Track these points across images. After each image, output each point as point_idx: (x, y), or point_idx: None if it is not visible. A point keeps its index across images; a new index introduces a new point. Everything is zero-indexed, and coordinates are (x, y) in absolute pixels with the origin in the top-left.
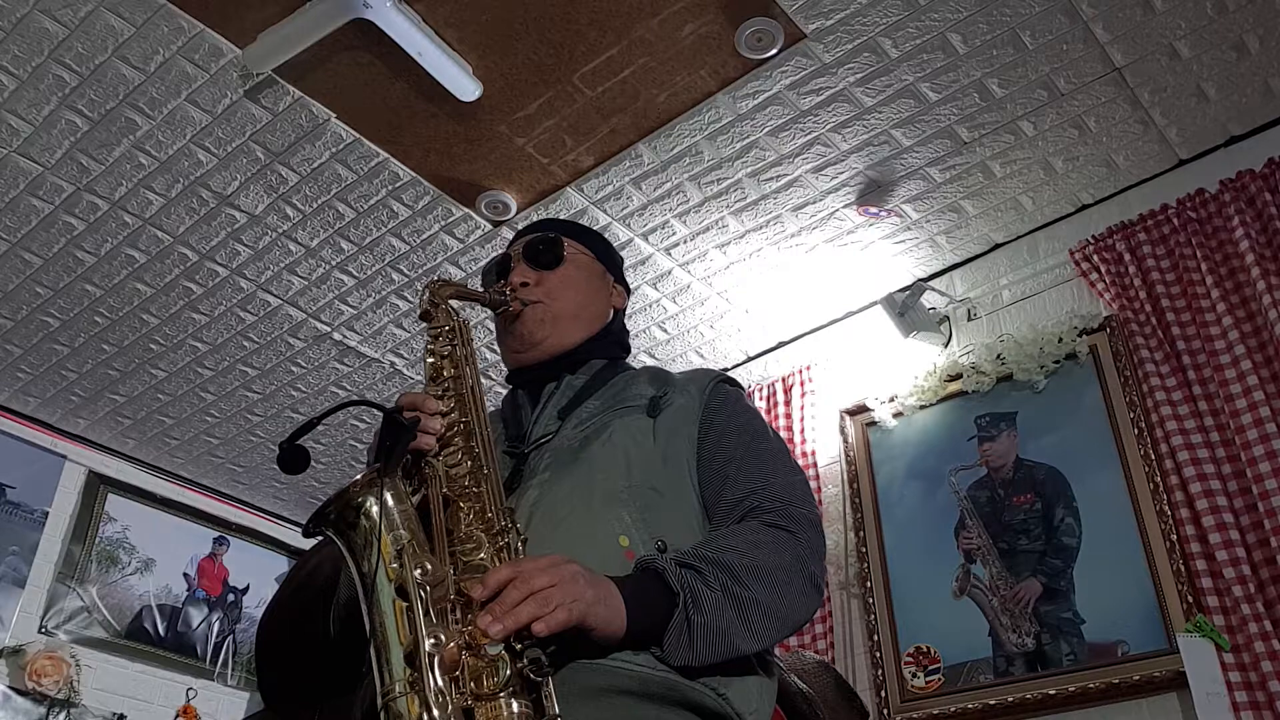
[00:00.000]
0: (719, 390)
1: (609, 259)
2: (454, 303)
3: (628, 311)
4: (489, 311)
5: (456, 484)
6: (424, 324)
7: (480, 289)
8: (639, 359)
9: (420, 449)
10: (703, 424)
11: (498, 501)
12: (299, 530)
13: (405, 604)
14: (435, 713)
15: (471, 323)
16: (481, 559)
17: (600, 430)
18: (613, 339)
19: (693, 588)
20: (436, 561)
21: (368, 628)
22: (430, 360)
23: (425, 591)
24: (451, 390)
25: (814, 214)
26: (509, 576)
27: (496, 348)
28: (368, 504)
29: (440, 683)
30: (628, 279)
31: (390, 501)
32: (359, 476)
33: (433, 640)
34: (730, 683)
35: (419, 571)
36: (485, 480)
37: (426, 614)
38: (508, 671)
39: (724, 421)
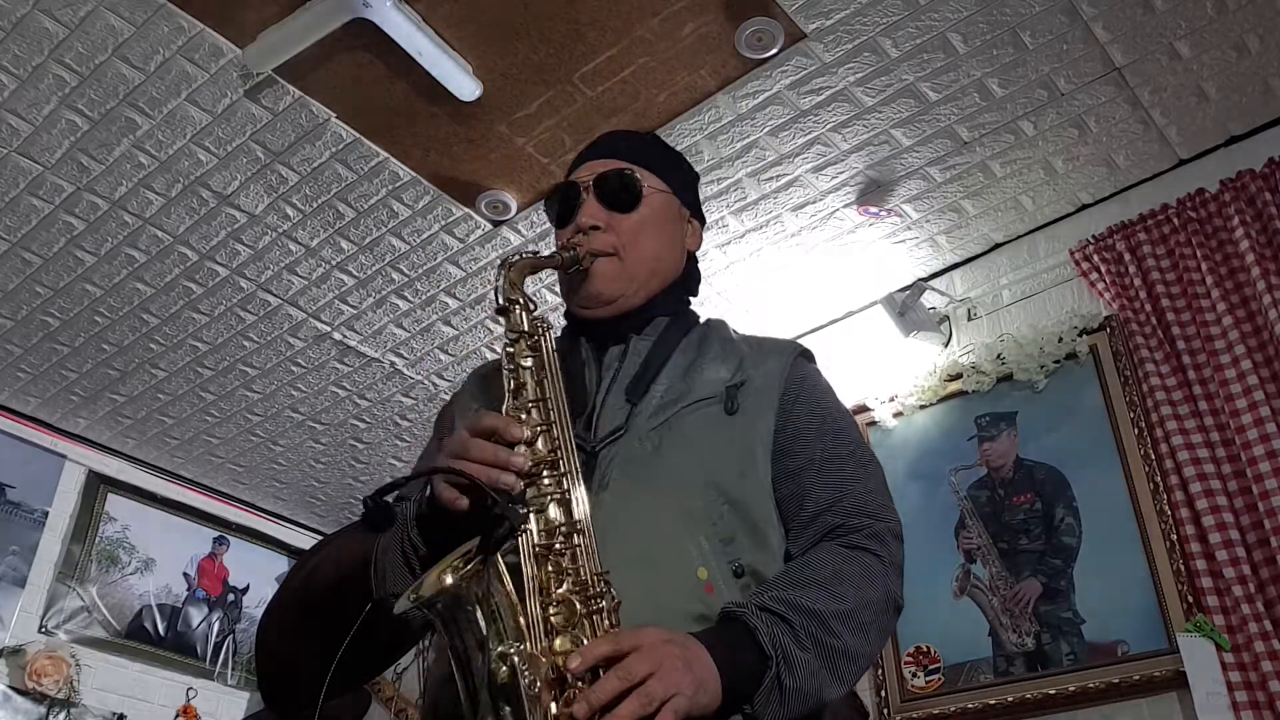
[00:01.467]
0: (798, 369)
1: (687, 190)
2: (531, 279)
3: None
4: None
5: (546, 535)
6: (500, 319)
7: (545, 254)
8: None
9: (505, 489)
10: (780, 412)
11: (593, 562)
12: (299, 530)
13: (510, 709)
14: None
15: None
16: (575, 632)
17: (674, 429)
18: (683, 289)
19: (785, 649)
20: (538, 652)
21: None
22: (509, 368)
23: (534, 702)
24: (538, 415)
25: (814, 214)
26: (608, 653)
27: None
28: (471, 596)
29: None
30: None
31: (493, 594)
32: (465, 568)
33: None
34: None
35: (527, 679)
36: (579, 534)
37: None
38: None
39: (803, 412)
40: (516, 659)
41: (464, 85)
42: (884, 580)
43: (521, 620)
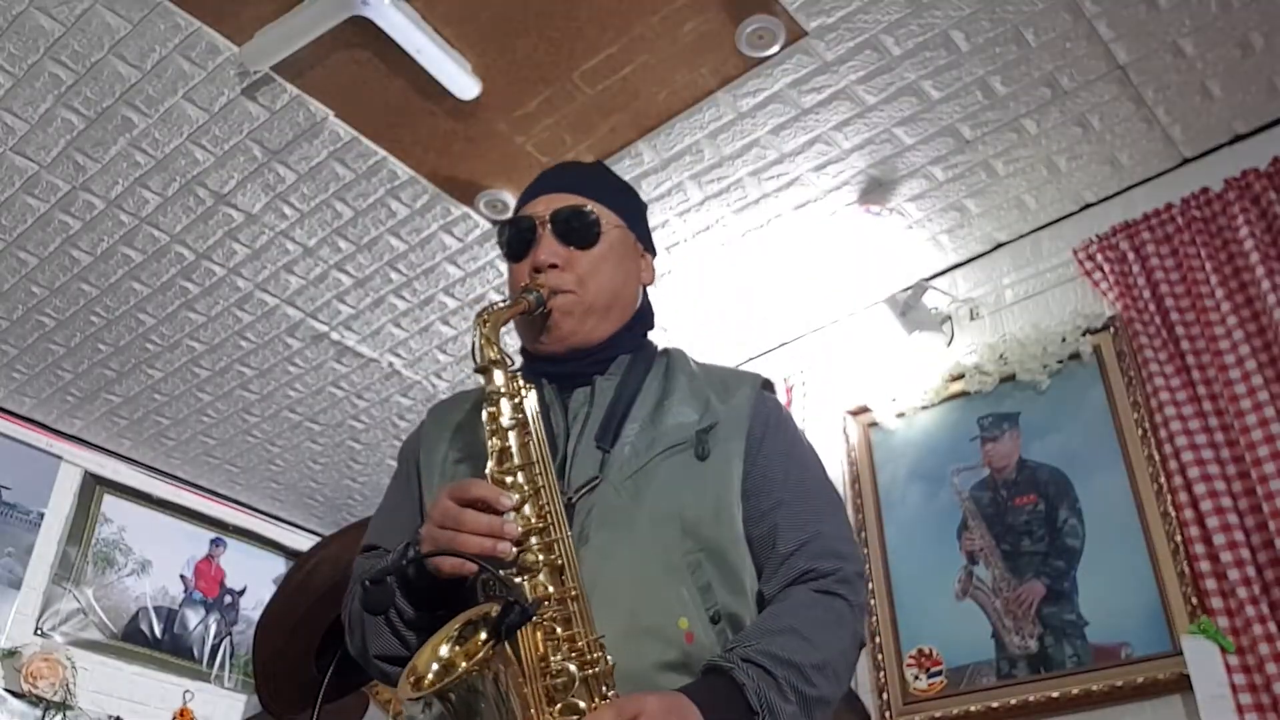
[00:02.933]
0: (762, 403)
1: (640, 224)
2: (509, 347)
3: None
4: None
5: (540, 601)
6: (480, 377)
7: (511, 302)
8: None
9: (497, 558)
10: (748, 450)
11: (588, 629)
12: (296, 531)
13: None
14: None
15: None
16: (573, 700)
17: (650, 478)
18: (641, 324)
19: (771, 703)
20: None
21: None
22: (491, 428)
23: None
24: (524, 479)
25: (815, 213)
26: None
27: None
28: (482, 681)
29: None
30: None
31: (501, 674)
32: (475, 653)
33: None
34: None
35: None
36: (572, 601)
37: None
38: None
39: (770, 448)
40: None
41: (463, 83)
42: (853, 625)
43: (527, 694)
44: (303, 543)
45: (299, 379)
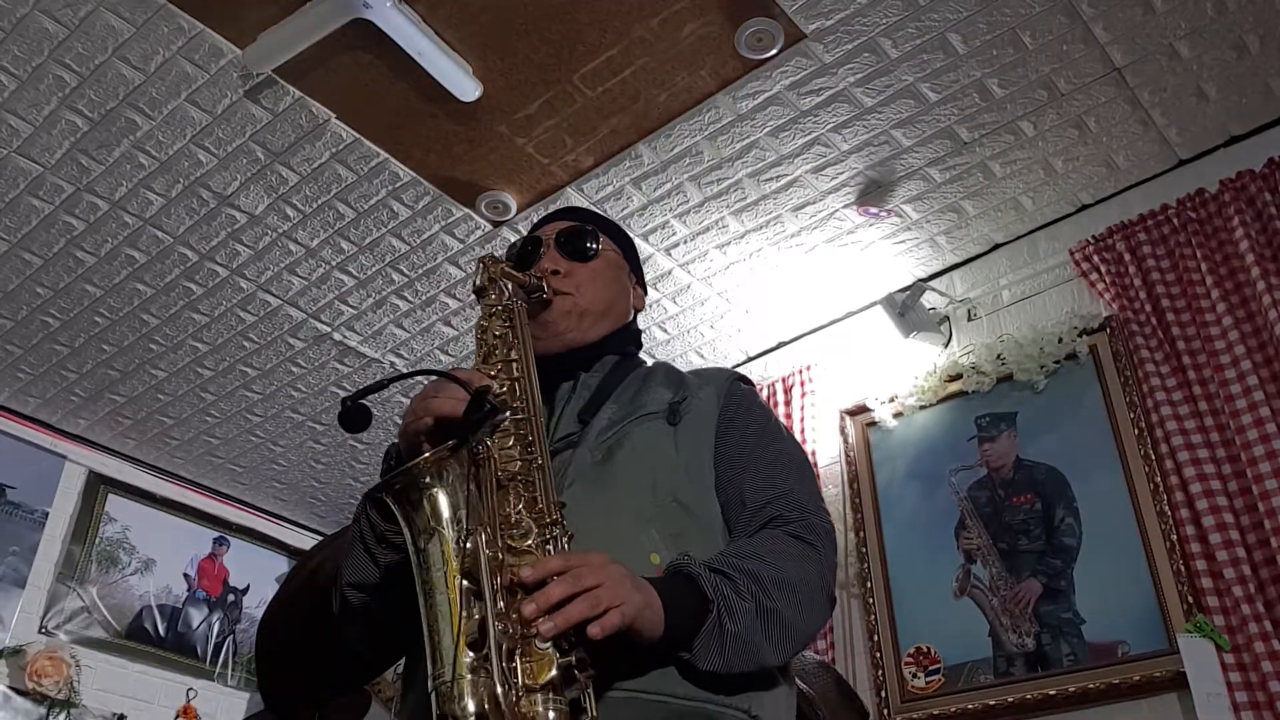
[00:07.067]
0: (735, 390)
1: (633, 259)
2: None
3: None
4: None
5: (509, 470)
6: (477, 299)
7: (519, 272)
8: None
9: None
10: (720, 427)
11: (549, 494)
12: (299, 530)
13: (473, 588)
14: (502, 701)
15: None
16: (529, 547)
17: (622, 441)
18: (628, 337)
19: (725, 595)
20: (497, 548)
21: (423, 611)
22: (483, 337)
23: (496, 580)
24: (505, 374)
25: (814, 214)
26: (560, 567)
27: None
28: (435, 483)
29: (506, 672)
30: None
31: (459, 483)
32: (428, 454)
33: (500, 627)
34: (760, 699)
35: (489, 555)
36: (538, 471)
37: (495, 602)
38: (554, 669)
39: (741, 425)
40: (482, 537)
41: (464, 86)
42: (819, 567)
43: (485, 515)
44: (305, 542)
45: (301, 379)
